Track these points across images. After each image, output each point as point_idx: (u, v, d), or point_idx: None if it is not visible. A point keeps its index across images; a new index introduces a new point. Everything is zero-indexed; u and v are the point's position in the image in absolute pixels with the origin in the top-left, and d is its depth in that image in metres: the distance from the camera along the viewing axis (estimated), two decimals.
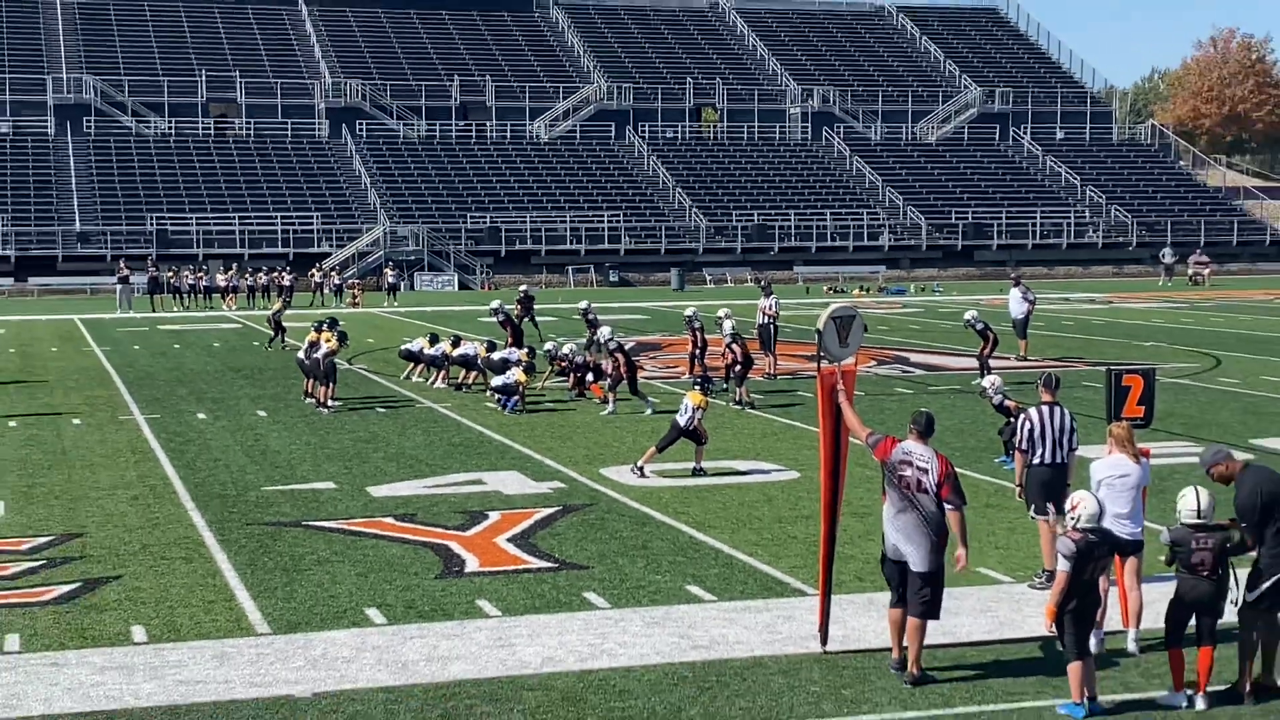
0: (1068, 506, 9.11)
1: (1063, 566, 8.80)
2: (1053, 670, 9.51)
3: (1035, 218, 74.04)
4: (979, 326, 25.28)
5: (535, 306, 34.88)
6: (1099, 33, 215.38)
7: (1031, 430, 11.56)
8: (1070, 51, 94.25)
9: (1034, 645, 10.13)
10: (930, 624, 9.62)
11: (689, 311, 26.25)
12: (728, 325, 23.40)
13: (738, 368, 22.41)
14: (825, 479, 10.07)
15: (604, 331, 23.48)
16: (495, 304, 29.27)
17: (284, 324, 33.63)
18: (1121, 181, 79.94)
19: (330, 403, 22.41)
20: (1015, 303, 29.78)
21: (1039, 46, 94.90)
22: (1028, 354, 29.37)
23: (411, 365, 26.35)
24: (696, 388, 17.30)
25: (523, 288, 36.30)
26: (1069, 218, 74.76)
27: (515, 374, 22.23)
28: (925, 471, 9.47)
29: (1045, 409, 11.65)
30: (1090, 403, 20.91)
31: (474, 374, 24.65)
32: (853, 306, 10.66)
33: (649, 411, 21.73)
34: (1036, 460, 11.53)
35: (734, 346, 22.54)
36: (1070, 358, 29.76)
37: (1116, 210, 76.06)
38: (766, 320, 27.27)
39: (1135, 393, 11.65)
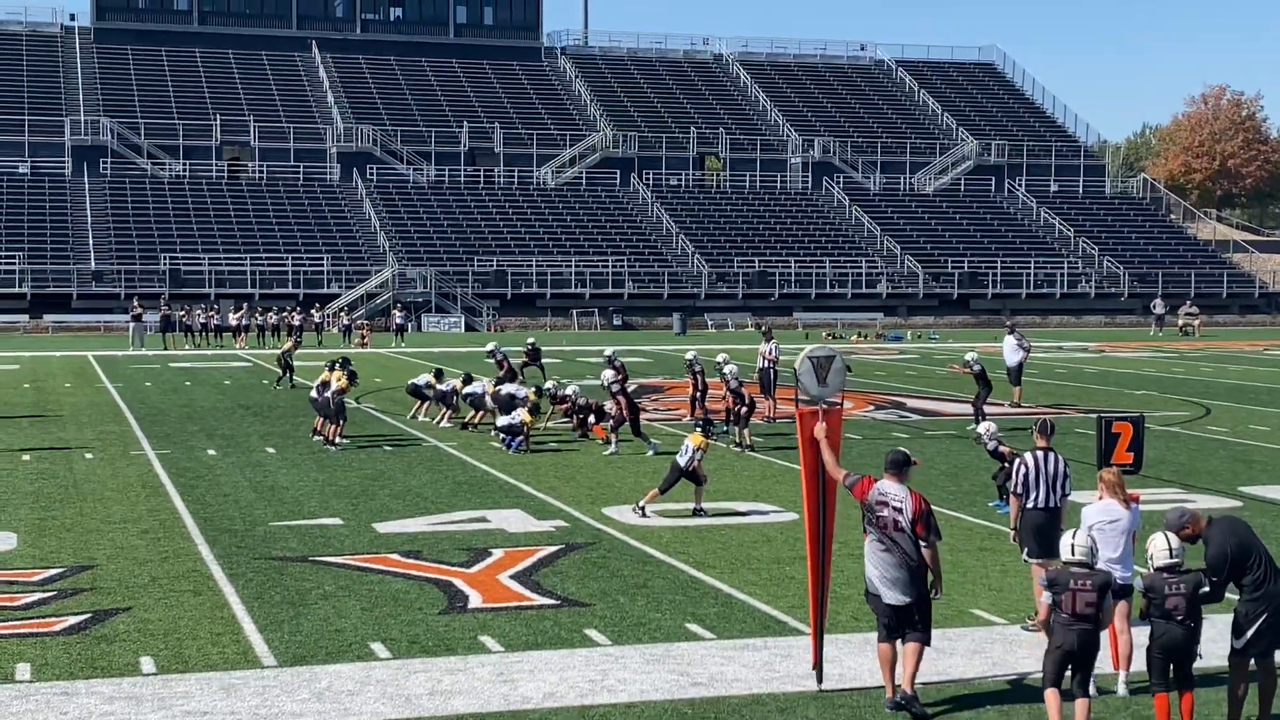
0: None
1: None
2: (1044, 711, 9.68)
3: (1029, 268, 74.53)
4: (977, 369, 25.61)
5: (541, 351, 35.13)
6: (1092, 88, 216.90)
7: (1026, 475, 11.74)
8: (1064, 106, 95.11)
9: (1026, 685, 10.30)
10: (923, 665, 9.84)
11: (690, 355, 26.53)
12: (729, 369, 23.63)
13: (743, 409, 22.70)
14: (809, 518, 10.28)
15: (606, 374, 23.80)
16: (491, 345, 29.31)
17: (293, 363, 33.94)
18: (1114, 234, 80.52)
19: (338, 440, 22.66)
20: (1010, 350, 30.13)
21: (1034, 101, 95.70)
22: (1021, 401, 29.63)
23: (418, 404, 26.58)
24: (698, 430, 17.54)
25: (530, 340, 36.54)
26: (1062, 268, 75.26)
27: (521, 414, 22.50)
28: (900, 510, 9.71)
29: (1040, 454, 11.84)
30: (1082, 449, 21.12)
31: (481, 413, 24.91)
32: (831, 348, 10.86)
33: (651, 452, 21.99)
34: (1030, 504, 11.70)
35: (741, 391, 22.88)
36: (1063, 405, 29.99)
37: (1109, 261, 76.53)
38: (767, 365, 27.58)
39: (1125, 439, 11.89)
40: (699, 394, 25.65)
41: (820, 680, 10.16)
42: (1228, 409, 29.34)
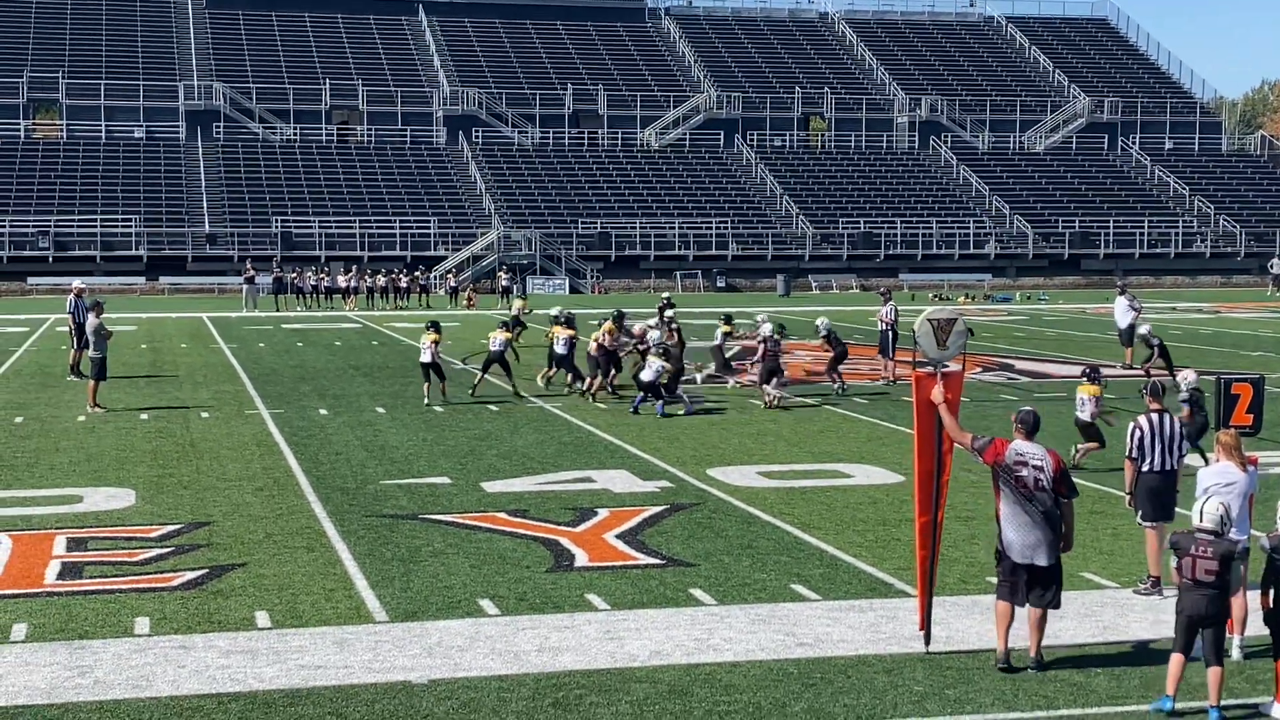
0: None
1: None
2: (1156, 675, 9.57)
3: (1143, 227, 73.04)
4: (1155, 342, 26.25)
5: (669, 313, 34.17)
6: (1209, 44, 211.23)
7: (1141, 438, 11.60)
8: (1180, 62, 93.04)
9: (1137, 649, 10.18)
10: None
11: (821, 321, 26.22)
12: (766, 329, 23.77)
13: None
14: (920, 480, 10.20)
15: (653, 335, 23.87)
16: (556, 310, 28.12)
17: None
18: (1230, 192, 78.56)
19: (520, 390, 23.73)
20: (1121, 311, 29.70)
21: (1148, 57, 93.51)
22: (1133, 362, 29.14)
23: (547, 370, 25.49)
24: (1086, 380, 17.39)
25: (665, 295, 36.33)
26: (1177, 227, 73.65)
27: (658, 364, 22.09)
28: (1041, 469, 9.65)
29: (1154, 416, 11.67)
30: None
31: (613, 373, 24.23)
32: (953, 309, 10.74)
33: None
34: (1146, 467, 11.57)
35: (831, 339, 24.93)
36: (1178, 367, 29.36)
37: (1225, 220, 74.73)
38: (885, 328, 27.43)
39: (1244, 401, 11.66)
40: (836, 359, 25.54)
41: (928, 642, 10.11)
42: None
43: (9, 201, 66.19)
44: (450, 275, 59.59)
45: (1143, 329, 27.33)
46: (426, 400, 23.43)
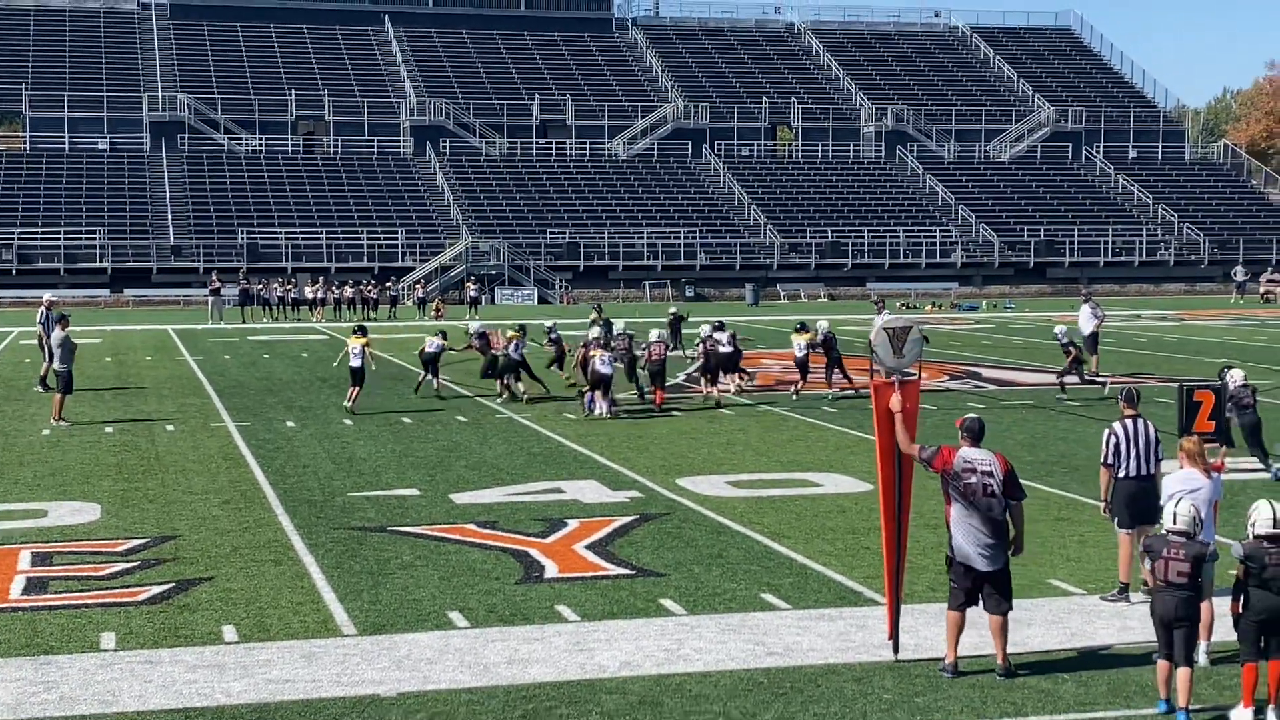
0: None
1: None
2: (1124, 681, 9.62)
3: (1107, 235, 73.59)
4: (1065, 342, 26.03)
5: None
6: (1172, 53, 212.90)
7: (1117, 444, 11.64)
8: (1143, 71, 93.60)
9: (1105, 656, 10.23)
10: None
11: (823, 324, 26.59)
12: (704, 329, 26.01)
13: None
14: (885, 489, 10.25)
15: (593, 331, 25.46)
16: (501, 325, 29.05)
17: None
18: (1194, 200, 79.27)
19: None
20: (1085, 319, 29.97)
21: (1112, 66, 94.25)
22: (1098, 370, 29.32)
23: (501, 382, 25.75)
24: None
25: (672, 309, 37.12)
26: (1141, 235, 74.24)
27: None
28: (990, 474, 9.70)
29: (1129, 422, 11.73)
30: (1162, 418, 20.83)
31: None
32: (908, 318, 10.78)
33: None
34: (1122, 473, 11.60)
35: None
36: (1142, 374, 29.62)
37: (1189, 228, 75.37)
38: None
39: (1206, 408, 11.72)
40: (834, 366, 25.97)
41: (896, 650, 10.14)
42: None
43: None
44: (419, 286, 59.48)
45: (1058, 329, 27.65)
46: (349, 404, 23.74)
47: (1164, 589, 8.96)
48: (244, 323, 50.20)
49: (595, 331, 25.30)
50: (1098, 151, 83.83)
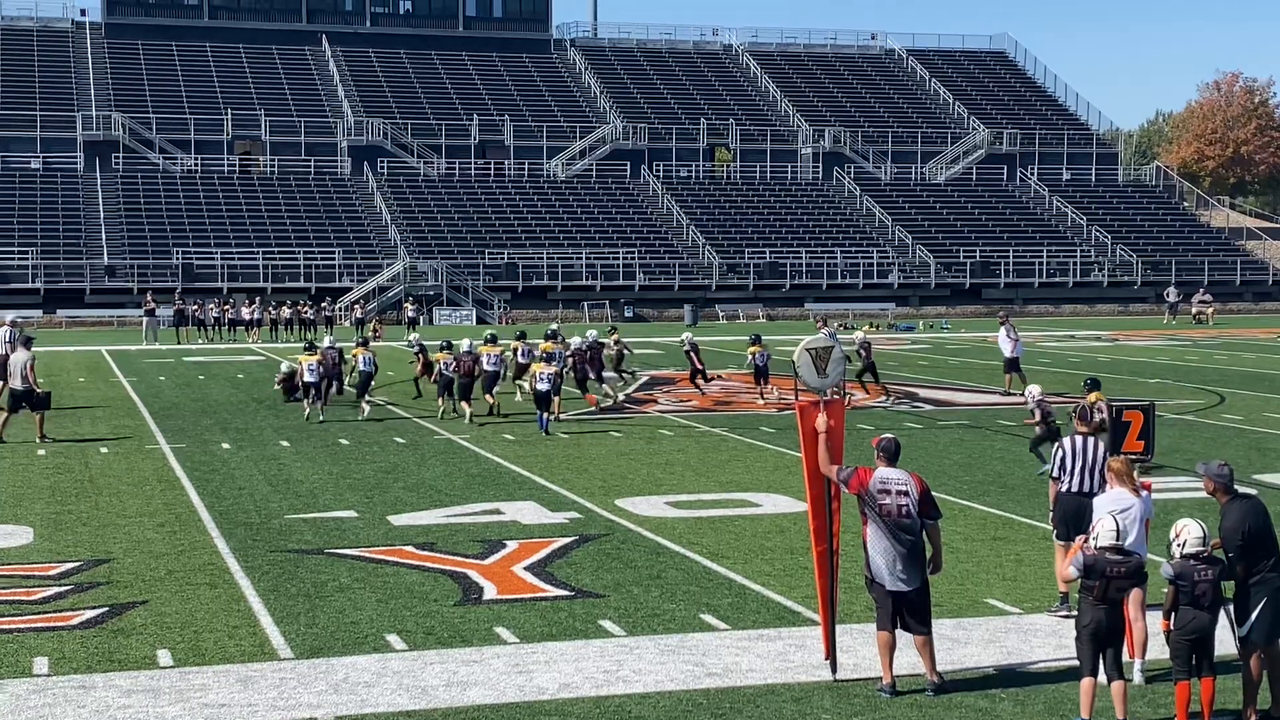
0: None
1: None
2: (1060, 698, 9.72)
3: (1042, 257, 74.47)
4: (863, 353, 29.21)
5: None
6: (1105, 76, 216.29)
7: (1063, 458, 11.83)
8: (1076, 94, 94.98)
9: (1042, 674, 10.33)
10: (938, 655, 9.96)
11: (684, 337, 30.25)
12: (575, 340, 28.36)
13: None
14: (814, 510, 10.31)
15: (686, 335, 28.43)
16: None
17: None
18: (1127, 222, 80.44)
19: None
20: (1003, 342, 30.75)
21: (1045, 89, 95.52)
22: (1010, 389, 29.95)
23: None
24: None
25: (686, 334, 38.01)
26: (1075, 257, 75.21)
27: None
28: (905, 494, 9.80)
29: (1078, 439, 11.92)
30: None
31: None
32: (830, 338, 10.84)
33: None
34: (1065, 488, 11.79)
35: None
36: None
37: (1122, 250, 76.43)
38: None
39: (1135, 428, 11.90)
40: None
41: (834, 670, 10.19)
42: (1242, 397, 29.30)
43: None
44: (357, 306, 59.17)
45: (856, 334, 29.83)
46: (315, 417, 24.93)
47: (1099, 606, 9.05)
48: (179, 344, 49.69)
49: (575, 341, 28.20)
50: (1032, 173, 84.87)
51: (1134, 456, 11.59)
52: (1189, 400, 28.69)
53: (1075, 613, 11.52)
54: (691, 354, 29.66)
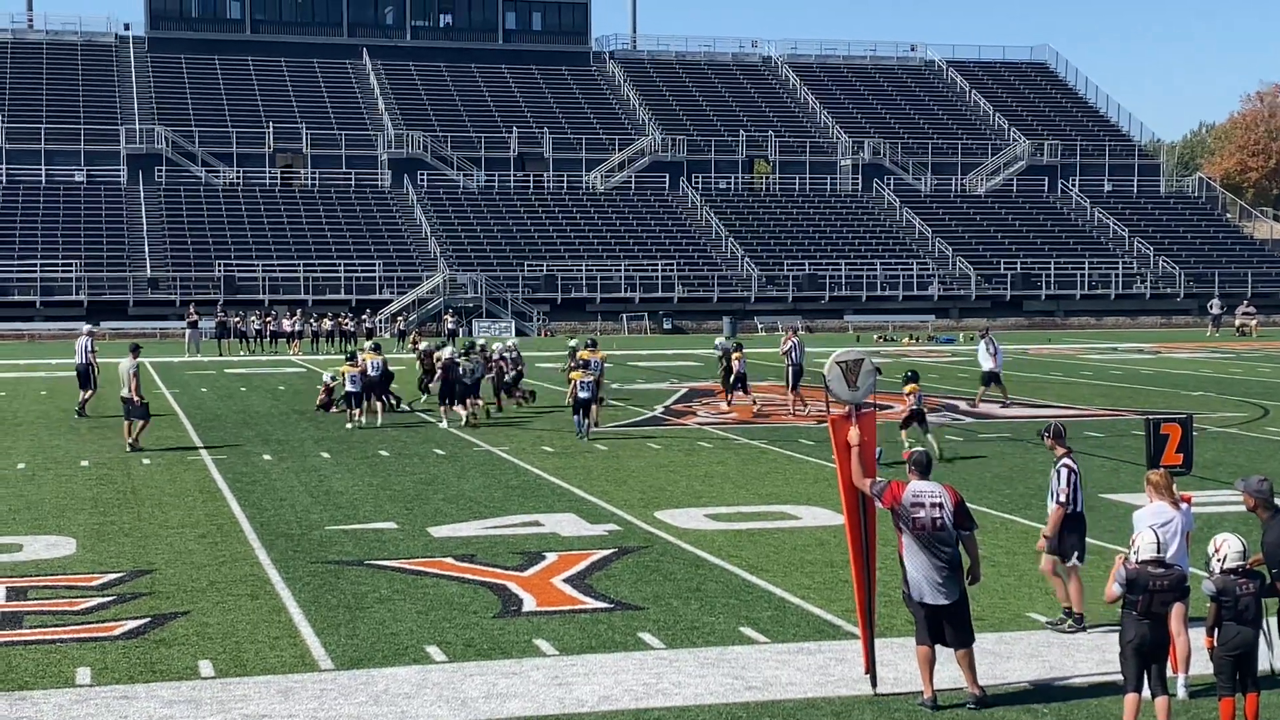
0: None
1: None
2: (1103, 712, 9.64)
3: (1083, 268, 74.01)
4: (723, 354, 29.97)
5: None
6: (1147, 87, 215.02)
7: (1074, 481, 11.77)
8: (1118, 105, 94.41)
9: (1084, 688, 10.25)
10: (981, 669, 9.87)
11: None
12: (496, 346, 29.76)
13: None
14: (850, 523, 10.28)
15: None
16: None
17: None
18: (1169, 233, 79.84)
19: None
20: (983, 356, 31.00)
21: (1087, 100, 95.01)
22: (979, 402, 30.18)
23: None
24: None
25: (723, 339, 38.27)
26: (1117, 269, 74.69)
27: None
28: (939, 506, 9.74)
29: (1072, 460, 11.89)
30: (1136, 451, 20.93)
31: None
32: (860, 350, 10.77)
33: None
34: (1073, 509, 11.79)
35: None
36: (1119, 407, 29.76)
37: (1164, 262, 75.87)
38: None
39: (1174, 440, 11.77)
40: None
41: (875, 684, 10.14)
42: None
43: None
44: (399, 319, 59.46)
45: (719, 339, 31.22)
46: (353, 425, 25.89)
47: (1143, 620, 8.97)
48: (221, 355, 50.05)
49: (497, 347, 29.83)
50: (1073, 185, 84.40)
51: (1174, 469, 11.45)
52: (1232, 413, 28.41)
53: (1067, 626, 11.50)
54: (724, 362, 29.82)
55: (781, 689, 10.20)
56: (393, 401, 28.40)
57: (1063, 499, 11.73)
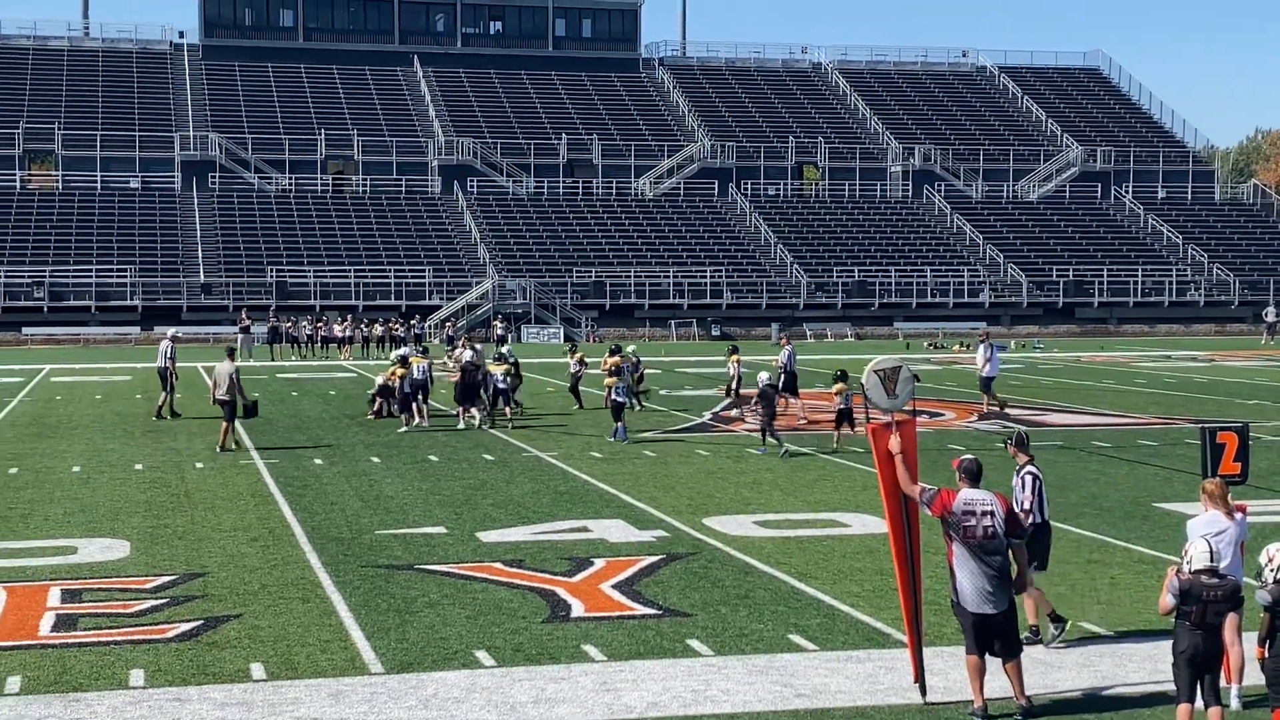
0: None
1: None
2: None
3: (1137, 276, 73.38)
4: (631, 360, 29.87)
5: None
6: (1201, 93, 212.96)
7: (1040, 490, 11.67)
8: (1172, 111, 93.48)
9: (1136, 698, 10.16)
10: (1031, 679, 9.80)
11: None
12: (467, 354, 28.61)
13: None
14: (894, 532, 10.24)
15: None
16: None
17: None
18: (1224, 240, 79.03)
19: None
20: (982, 361, 30.71)
21: (1140, 106, 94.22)
22: (988, 410, 29.81)
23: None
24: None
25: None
26: (1170, 276, 74.00)
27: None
28: (990, 513, 9.68)
29: (1037, 468, 11.79)
30: (1190, 460, 20.74)
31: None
32: (898, 358, 10.72)
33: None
34: (1040, 519, 11.66)
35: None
36: (1172, 415, 29.46)
37: (1219, 269, 75.10)
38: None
39: (1230, 449, 11.63)
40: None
41: (924, 693, 10.08)
42: None
43: (4, 252, 66.36)
44: (448, 325, 59.75)
45: (630, 347, 31.60)
46: (407, 428, 26.46)
47: (1195, 630, 8.89)
48: (273, 360, 50.43)
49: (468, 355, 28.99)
50: (1126, 191, 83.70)
51: (1230, 479, 11.33)
52: None
53: (1039, 639, 11.36)
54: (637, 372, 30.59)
55: (830, 697, 10.17)
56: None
57: (1028, 506, 11.59)
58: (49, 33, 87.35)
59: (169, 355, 30.00)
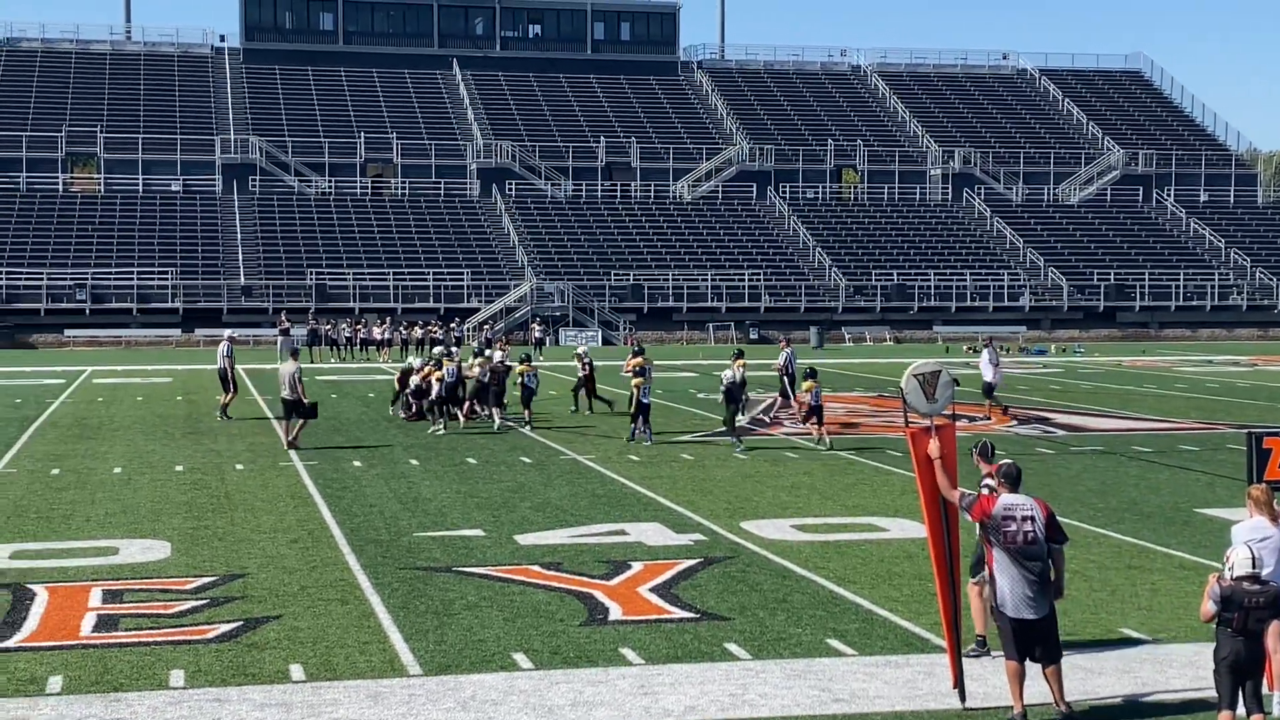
0: None
1: None
2: None
3: (1178, 280, 72.86)
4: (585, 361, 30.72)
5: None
6: (1243, 96, 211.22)
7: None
8: (1214, 114, 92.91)
9: (1176, 705, 10.08)
10: (1071, 684, 9.73)
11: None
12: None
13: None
14: (933, 537, 10.20)
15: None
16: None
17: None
18: (1266, 244, 78.39)
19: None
20: (985, 366, 30.43)
21: (1182, 109, 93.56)
22: (992, 415, 29.49)
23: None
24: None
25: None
26: (1213, 280, 73.44)
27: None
28: (1031, 519, 9.62)
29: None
30: (1235, 465, 20.56)
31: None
32: (937, 362, 10.66)
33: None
34: None
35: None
36: (1214, 420, 29.23)
37: (1262, 273, 74.48)
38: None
39: (1277, 455, 11.52)
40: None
41: (963, 699, 10.03)
42: None
43: (46, 254, 66.97)
44: (486, 327, 59.93)
45: (581, 349, 32.30)
46: (441, 430, 26.71)
47: (1237, 637, 8.82)
48: (312, 362, 50.66)
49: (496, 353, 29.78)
50: (1168, 195, 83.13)
51: (1275, 485, 11.21)
52: None
53: (979, 651, 11.24)
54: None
55: (869, 701, 10.13)
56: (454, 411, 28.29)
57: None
58: (91, 36, 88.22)
59: (227, 354, 30.25)
